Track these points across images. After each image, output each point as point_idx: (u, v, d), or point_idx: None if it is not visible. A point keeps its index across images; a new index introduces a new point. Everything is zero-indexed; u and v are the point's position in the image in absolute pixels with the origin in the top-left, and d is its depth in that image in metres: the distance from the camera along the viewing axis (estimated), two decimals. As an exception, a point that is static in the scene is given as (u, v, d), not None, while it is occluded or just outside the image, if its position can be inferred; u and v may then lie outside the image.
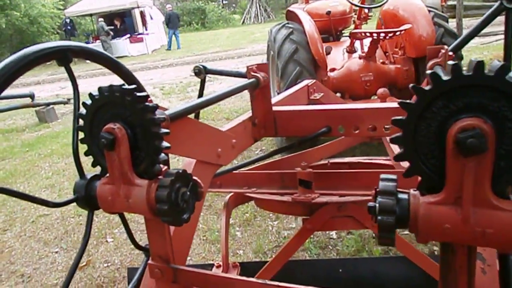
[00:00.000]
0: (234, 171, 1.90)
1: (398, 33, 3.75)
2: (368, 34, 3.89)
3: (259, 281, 0.92)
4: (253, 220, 3.30)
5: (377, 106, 1.63)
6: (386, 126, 1.58)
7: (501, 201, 0.64)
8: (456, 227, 0.65)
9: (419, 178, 0.70)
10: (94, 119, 0.88)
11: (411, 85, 0.67)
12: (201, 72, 1.76)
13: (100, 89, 0.85)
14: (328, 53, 4.41)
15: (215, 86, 9.39)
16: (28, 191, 4.57)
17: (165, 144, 0.84)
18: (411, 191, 0.70)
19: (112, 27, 19.06)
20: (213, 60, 14.45)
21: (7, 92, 0.75)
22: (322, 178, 1.73)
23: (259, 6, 35.23)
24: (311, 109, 1.73)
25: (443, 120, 0.65)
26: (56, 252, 3.28)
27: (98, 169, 0.99)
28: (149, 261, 1.05)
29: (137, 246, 1.20)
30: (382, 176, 0.71)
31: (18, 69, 0.78)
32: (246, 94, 1.61)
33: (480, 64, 0.60)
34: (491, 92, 0.61)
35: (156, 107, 0.84)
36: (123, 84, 0.84)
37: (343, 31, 5.47)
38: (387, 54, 4.60)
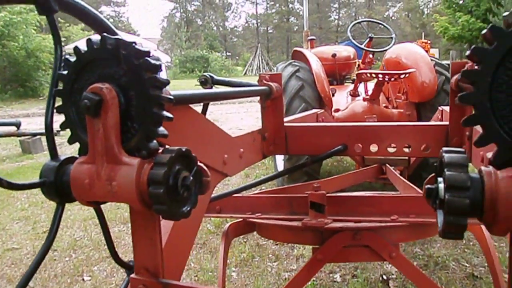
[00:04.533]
0: (236, 195, 1.73)
1: (403, 75, 3.75)
2: (374, 75, 3.89)
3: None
4: (250, 260, 3.05)
5: (398, 124, 1.51)
6: (407, 145, 1.46)
7: None
8: None
9: (494, 149, 0.55)
10: (78, 80, 0.70)
11: (485, 29, 0.53)
12: (208, 82, 1.64)
13: (89, 41, 0.68)
14: (332, 95, 4.39)
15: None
16: (-2, 223, 4.25)
17: (166, 114, 0.67)
18: (483, 168, 0.55)
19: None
20: (215, 104, 14.56)
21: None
22: (336, 203, 1.56)
23: (261, 59, 36.48)
24: (327, 125, 1.60)
25: None
26: (20, 292, 2.95)
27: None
28: (132, 275, 0.82)
29: (118, 259, 0.93)
30: (445, 148, 0.56)
31: None
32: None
33: None
34: None
35: (160, 66, 0.69)
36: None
37: (346, 76, 5.51)
38: (389, 99, 4.60)
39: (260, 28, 55.67)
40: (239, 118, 10.90)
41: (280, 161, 4.50)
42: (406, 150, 1.46)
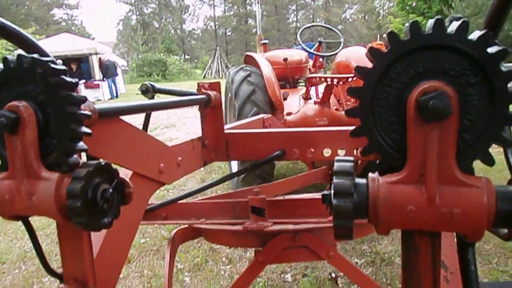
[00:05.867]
0: (181, 201, 1.76)
1: (350, 79, 3.88)
2: (323, 79, 4.01)
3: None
4: (204, 265, 3.07)
5: (333, 129, 1.59)
6: (341, 149, 1.54)
7: (468, 177, 0.57)
8: (421, 209, 0.56)
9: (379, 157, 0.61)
10: None
11: (369, 45, 0.60)
12: (149, 91, 1.65)
13: (5, 60, 0.70)
14: (285, 99, 4.48)
15: (172, 132, 9.24)
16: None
17: (84, 129, 0.70)
18: (370, 174, 0.61)
19: (67, 70, 18.64)
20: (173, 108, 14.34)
21: None
22: (276, 206, 1.62)
23: (221, 62, 36.39)
24: (265, 132, 1.65)
25: (402, 87, 0.58)
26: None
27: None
28: (61, 285, 0.82)
29: (48, 269, 0.91)
30: (337, 158, 0.62)
31: None
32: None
33: (440, 22, 0.55)
34: (452, 53, 0.55)
35: (76, 84, 0.71)
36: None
37: (299, 80, 5.64)
38: (340, 102, 4.74)
39: (218, 30, 55.63)
40: (197, 122, 10.80)
41: (234, 165, 4.54)
42: (341, 153, 1.54)
